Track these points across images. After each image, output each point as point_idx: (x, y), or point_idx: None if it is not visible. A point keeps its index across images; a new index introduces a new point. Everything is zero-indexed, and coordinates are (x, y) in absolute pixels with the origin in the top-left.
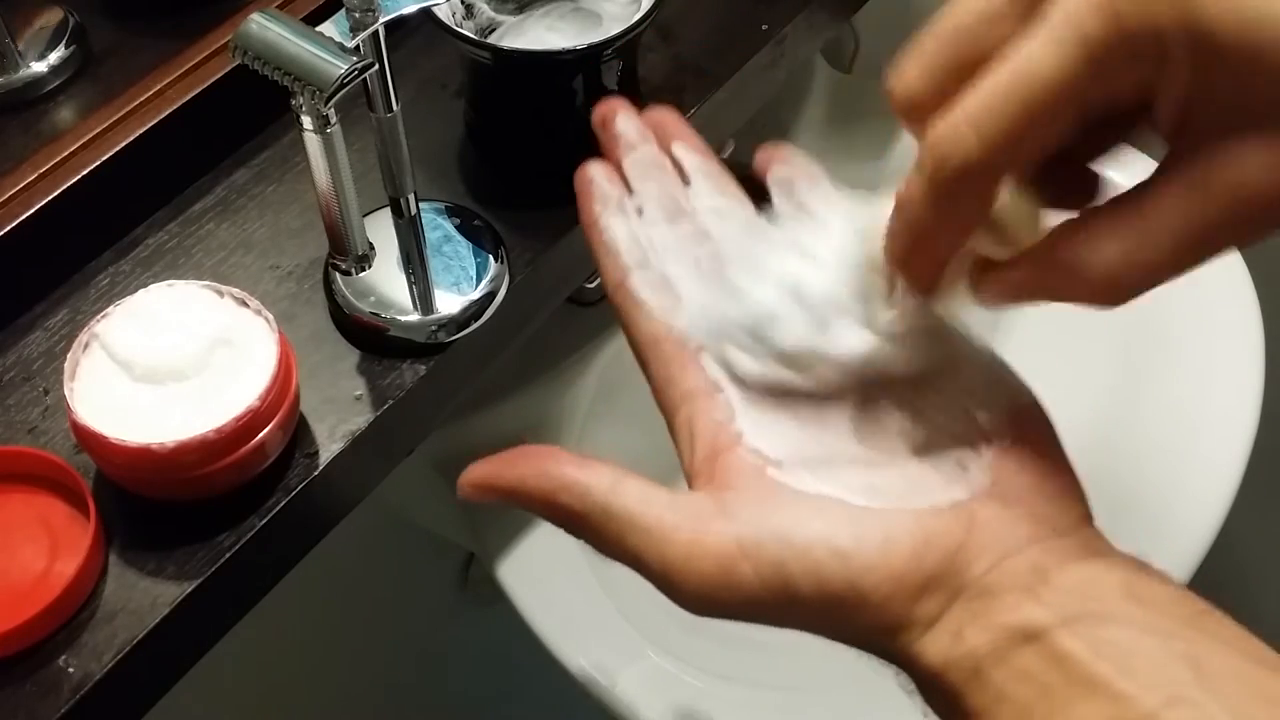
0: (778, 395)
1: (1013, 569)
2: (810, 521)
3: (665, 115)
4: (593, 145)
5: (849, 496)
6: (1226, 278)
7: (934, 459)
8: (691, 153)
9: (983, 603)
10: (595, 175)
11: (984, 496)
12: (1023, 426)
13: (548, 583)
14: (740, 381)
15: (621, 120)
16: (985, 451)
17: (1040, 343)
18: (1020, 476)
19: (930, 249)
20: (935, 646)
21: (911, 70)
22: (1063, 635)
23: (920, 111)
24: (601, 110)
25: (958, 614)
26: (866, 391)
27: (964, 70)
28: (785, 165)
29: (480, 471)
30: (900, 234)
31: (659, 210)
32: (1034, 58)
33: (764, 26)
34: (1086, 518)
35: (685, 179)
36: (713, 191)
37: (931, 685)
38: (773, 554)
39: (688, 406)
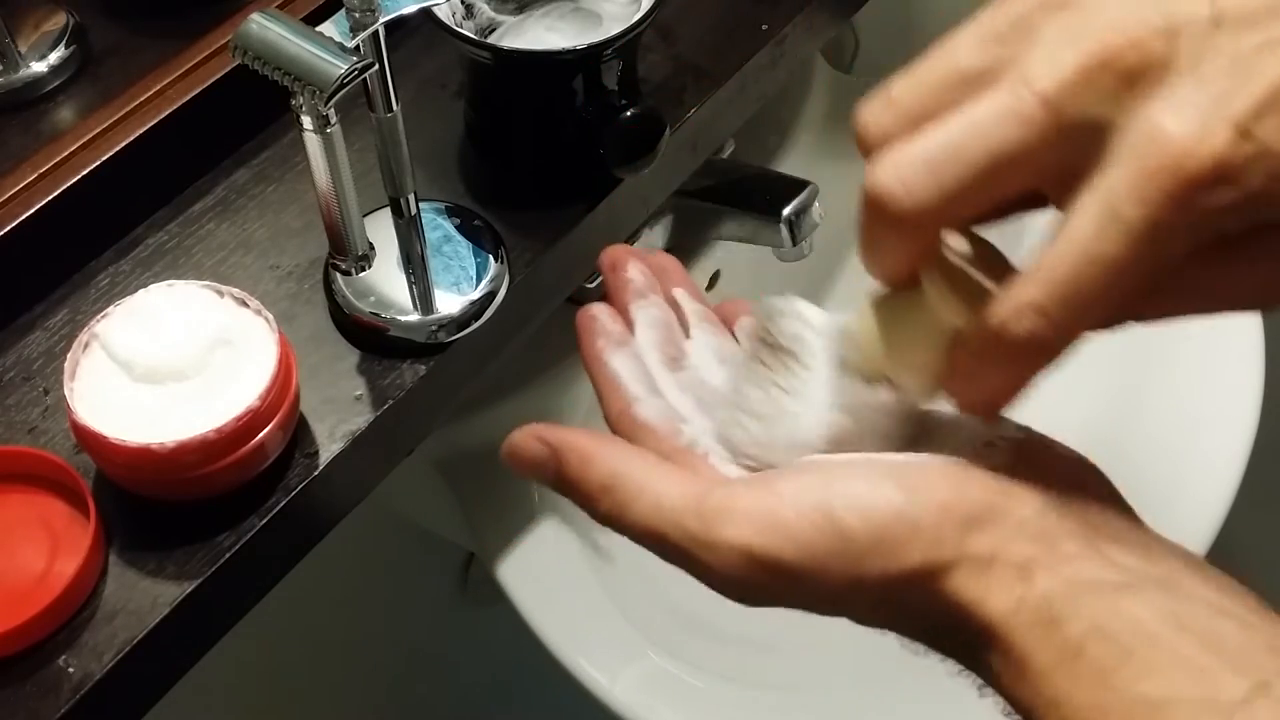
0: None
1: (1059, 522)
2: (848, 472)
3: (667, 261)
4: (591, 147)
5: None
6: None
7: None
8: (692, 301)
9: (1044, 546)
10: (600, 315)
11: (1016, 462)
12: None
13: (548, 583)
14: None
15: (633, 268)
16: (1004, 443)
17: None
18: (1048, 459)
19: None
20: (998, 587)
21: (879, 108)
22: (1136, 599)
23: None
24: (611, 255)
25: (1019, 552)
26: None
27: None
28: (747, 317)
29: (537, 451)
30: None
31: (663, 357)
32: (992, 119)
33: (764, 26)
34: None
35: (685, 328)
36: (711, 337)
37: (988, 639)
38: (815, 496)
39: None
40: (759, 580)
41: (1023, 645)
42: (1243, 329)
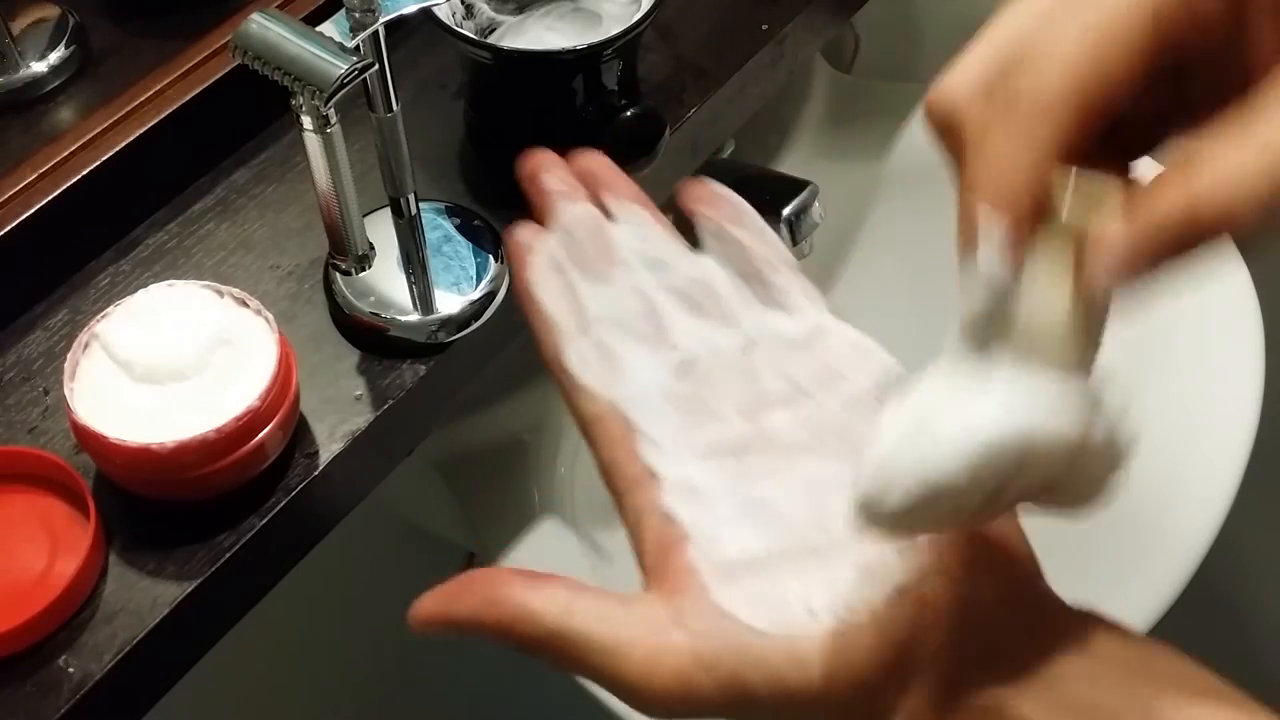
0: (715, 459)
1: (968, 648)
2: (770, 636)
3: (594, 161)
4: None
5: (802, 615)
6: (1226, 278)
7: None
8: (623, 202)
9: (935, 685)
10: (524, 238)
11: (931, 574)
12: None
13: None
14: (682, 462)
15: (549, 176)
16: None
17: None
18: (966, 546)
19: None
20: None
21: (957, 78)
22: (1020, 703)
23: (955, 119)
24: (528, 165)
25: (912, 699)
26: (806, 462)
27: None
28: (708, 208)
29: (430, 606)
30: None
31: (592, 270)
32: None
33: (764, 26)
34: (1037, 574)
35: (616, 234)
36: (645, 241)
37: None
38: (730, 666)
39: (633, 496)
40: (672, 717)
41: None
42: (1243, 329)
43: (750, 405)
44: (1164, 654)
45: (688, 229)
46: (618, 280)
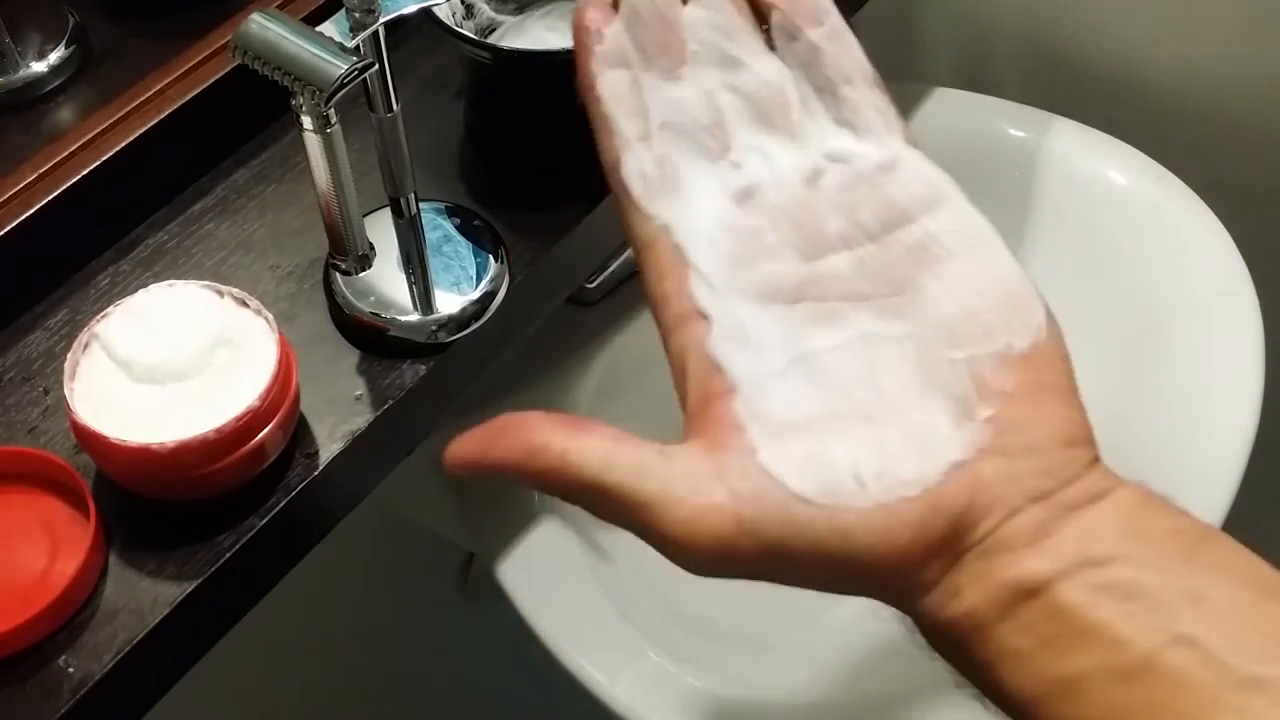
0: (768, 304)
1: (1018, 526)
2: (813, 513)
3: None
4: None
5: (850, 484)
6: (1226, 278)
7: (937, 401)
8: None
9: (984, 562)
10: (592, 21)
11: (989, 451)
12: (1033, 364)
13: (548, 583)
14: (733, 304)
15: None
16: (990, 398)
17: None
18: (1026, 426)
19: None
20: (934, 605)
21: None
22: (1062, 586)
23: None
24: None
25: (957, 575)
26: (862, 317)
27: None
28: (788, 3)
29: (468, 448)
30: None
31: (660, 63)
32: None
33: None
34: (1095, 459)
35: (688, 19)
36: (718, 30)
37: (937, 637)
38: (773, 532)
39: (680, 334)
40: (721, 576)
41: (961, 641)
42: (1243, 329)
43: (809, 244)
44: (1217, 539)
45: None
46: (686, 79)
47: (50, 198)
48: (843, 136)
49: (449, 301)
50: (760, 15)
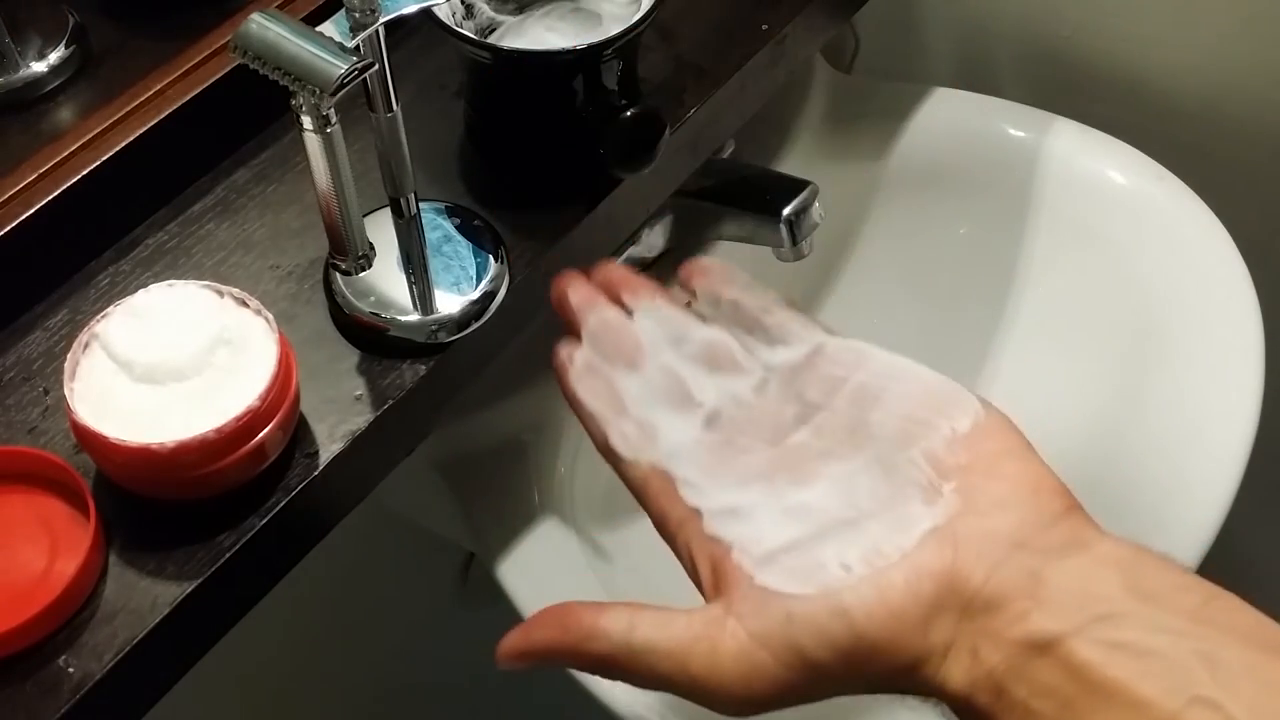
0: (750, 485)
1: (1008, 576)
2: (810, 597)
3: (610, 269)
4: (591, 147)
5: (838, 572)
6: (1226, 278)
7: (906, 493)
8: (639, 297)
9: (989, 616)
10: (563, 355)
11: (961, 514)
12: (981, 438)
13: (548, 583)
14: (720, 495)
15: (574, 293)
16: (950, 473)
17: (1040, 344)
18: (990, 486)
19: None
20: (957, 670)
21: None
22: (1075, 643)
23: None
24: (556, 289)
25: (969, 632)
26: (829, 465)
27: None
28: (701, 279)
29: (513, 643)
30: None
31: (622, 361)
32: None
33: (764, 26)
34: (1071, 506)
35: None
36: (662, 323)
37: (965, 710)
38: (781, 635)
39: (683, 533)
40: (763, 710)
41: (986, 711)
42: (1243, 329)
43: (772, 433)
44: (1221, 597)
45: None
46: (645, 363)
47: (50, 198)
48: (776, 351)
49: (449, 301)
50: (688, 290)
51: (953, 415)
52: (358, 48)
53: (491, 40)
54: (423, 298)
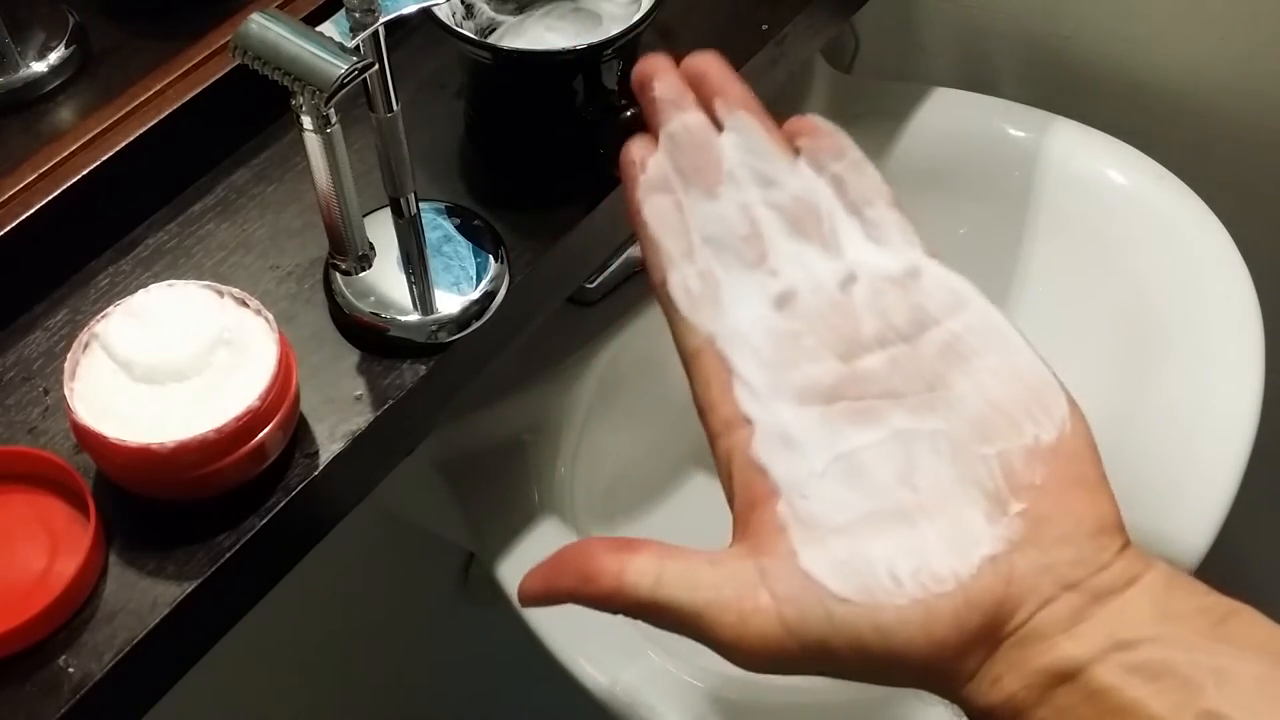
0: (808, 405)
1: (1053, 615)
2: (853, 604)
3: (707, 63)
4: (591, 147)
5: (887, 583)
6: (1226, 278)
7: (970, 496)
8: (733, 108)
9: (1020, 651)
10: (635, 154)
11: (1021, 544)
12: (1059, 456)
13: None
14: (775, 408)
15: (660, 84)
16: (1021, 493)
17: (1039, 343)
18: (1057, 519)
19: None
20: (980, 691)
21: None
22: (1097, 669)
23: None
24: (640, 72)
25: (996, 664)
26: (897, 414)
27: None
28: (810, 140)
29: (535, 585)
30: None
31: (699, 185)
32: None
33: (764, 26)
34: (1126, 544)
35: (723, 144)
36: (751, 152)
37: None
38: (815, 633)
39: (726, 438)
40: (775, 674)
41: None
42: (1243, 329)
43: (846, 345)
44: (1241, 613)
45: None
46: (724, 197)
47: (50, 198)
48: (869, 249)
49: (449, 301)
50: (790, 146)
51: (1039, 420)
52: (358, 48)
53: (491, 40)
54: (423, 298)
